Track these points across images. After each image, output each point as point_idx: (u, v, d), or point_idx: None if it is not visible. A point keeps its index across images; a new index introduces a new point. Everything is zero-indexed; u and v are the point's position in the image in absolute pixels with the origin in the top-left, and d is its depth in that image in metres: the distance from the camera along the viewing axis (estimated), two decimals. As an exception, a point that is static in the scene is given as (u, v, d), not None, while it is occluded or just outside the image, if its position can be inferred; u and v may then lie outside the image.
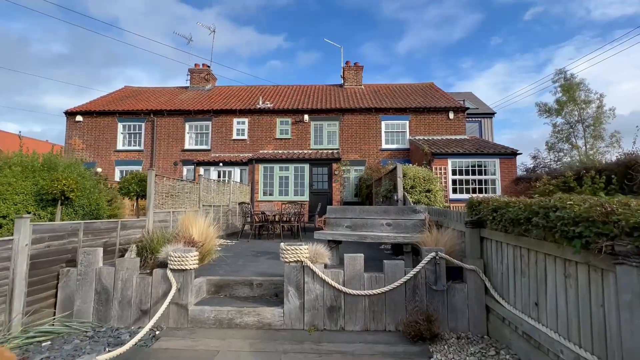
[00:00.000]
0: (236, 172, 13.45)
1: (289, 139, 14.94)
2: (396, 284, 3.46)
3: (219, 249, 6.81)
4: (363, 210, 5.41)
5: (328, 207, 5.68)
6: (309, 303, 3.52)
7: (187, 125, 15.26)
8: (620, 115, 29.06)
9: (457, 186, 11.54)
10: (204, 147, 15.11)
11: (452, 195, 11.33)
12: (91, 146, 15.30)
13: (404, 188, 7.47)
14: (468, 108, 14.96)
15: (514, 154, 11.57)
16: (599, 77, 45.30)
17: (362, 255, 3.62)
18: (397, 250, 5.91)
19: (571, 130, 21.90)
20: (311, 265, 3.54)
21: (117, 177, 14.56)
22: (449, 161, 11.57)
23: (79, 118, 15.36)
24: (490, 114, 17.29)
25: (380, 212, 5.27)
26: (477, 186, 11.63)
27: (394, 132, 14.97)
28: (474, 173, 11.65)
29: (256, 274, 4.44)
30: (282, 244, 3.66)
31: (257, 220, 8.78)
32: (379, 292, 3.46)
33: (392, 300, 3.47)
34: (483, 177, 11.62)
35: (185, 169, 14.81)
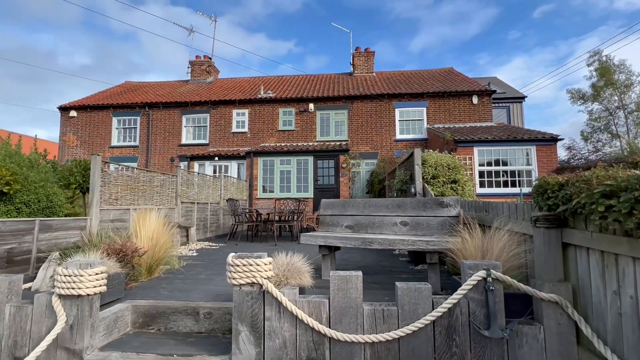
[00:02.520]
0: (233, 166, 12.24)
1: (293, 130, 13.60)
2: (418, 324, 2.02)
3: (192, 253, 5.54)
4: (369, 204, 3.97)
5: (323, 200, 4.28)
6: (273, 354, 2.14)
7: (184, 119, 14.20)
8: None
9: (485, 179, 9.87)
10: (201, 141, 14.00)
11: (478, 190, 9.67)
12: (85, 142, 14.49)
13: (423, 178, 5.97)
14: (495, 91, 13.16)
15: (554, 139, 9.78)
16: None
17: (360, 274, 2.19)
18: (418, 257, 4.43)
19: (610, 117, 19.54)
20: (275, 292, 2.14)
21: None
22: (475, 150, 9.92)
23: (72, 113, 14.58)
24: (519, 99, 15.33)
25: (392, 207, 3.82)
26: (508, 178, 9.91)
27: (409, 121, 13.36)
28: (504, 163, 9.95)
29: (212, 295, 3.10)
30: (230, 255, 2.28)
31: (248, 219, 7.48)
32: (389, 337, 2.03)
33: (411, 351, 2.04)
34: (516, 167, 9.89)
35: (182, 165, 13.71)
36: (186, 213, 7.00)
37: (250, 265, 2.19)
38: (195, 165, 12.18)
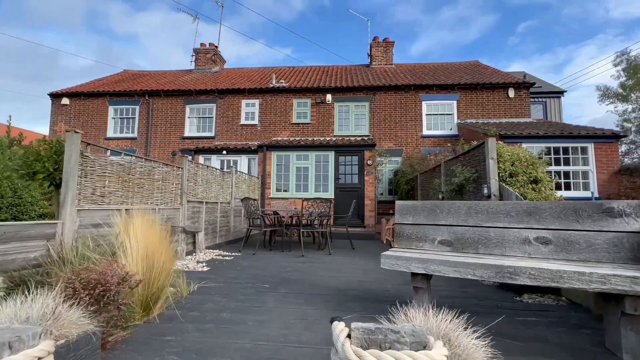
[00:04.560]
0: (243, 161, 10.91)
1: (308, 124, 12.30)
2: None
3: (202, 267, 4.22)
4: (476, 209, 2.66)
5: (399, 203, 2.96)
6: None
7: (187, 109, 12.88)
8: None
9: (534, 180, 8.57)
10: (206, 134, 12.68)
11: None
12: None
13: (499, 176, 4.67)
14: (533, 83, 11.87)
15: (616, 136, 8.50)
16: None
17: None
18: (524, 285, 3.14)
19: (643, 118, 18.28)
20: None
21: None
22: (524, 147, 8.62)
23: (65, 101, 13.24)
24: (557, 93, 14.00)
25: (517, 215, 2.51)
26: (562, 180, 8.64)
27: (437, 115, 12.08)
28: (557, 163, 8.67)
29: (254, 365, 1.78)
30: (342, 337, 0.96)
31: (268, 222, 6.16)
32: None
33: None
34: (571, 167, 8.62)
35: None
36: (192, 215, 5.69)
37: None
38: (201, 159, 10.86)
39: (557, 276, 1.90)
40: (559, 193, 8.85)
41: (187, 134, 12.71)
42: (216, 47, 16.88)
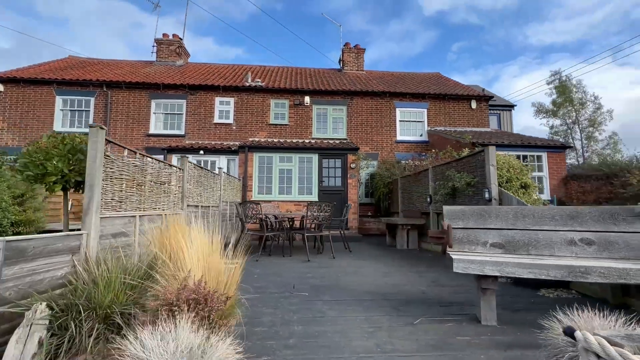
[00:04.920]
0: (222, 162, 10.36)
1: (286, 125, 12.12)
2: None
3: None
4: (523, 213, 2.89)
5: (447, 208, 3.09)
6: None
7: (153, 104, 11.84)
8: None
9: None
10: (176, 131, 11.79)
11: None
12: (16, 126, 11.32)
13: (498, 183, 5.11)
14: (492, 97, 13.17)
15: (564, 147, 9.81)
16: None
17: None
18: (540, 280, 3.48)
19: (569, 131, 21.33)
20: None
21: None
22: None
23: (-2, 87, 11.31)
24: (509, 107, 15.72)
25: (561, 219, 2.79)
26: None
27: (410, 122, 12.75)
28: (518, 169, 9.69)
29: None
30: (626, 353, 1.00)
31: (268, 226, 5.95)
32: None
33: None
34: (529, 174, 9.69)
35: (150, 159, 11.37)
36: (190, 221, 5.26)
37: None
38: (174, 158, 10.05)
39: (624, 273, 2.16)
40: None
41: (153, 130, 11.68)
42: (181, 39, 15.80)
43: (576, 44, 54.66)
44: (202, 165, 10.19)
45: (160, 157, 10.63)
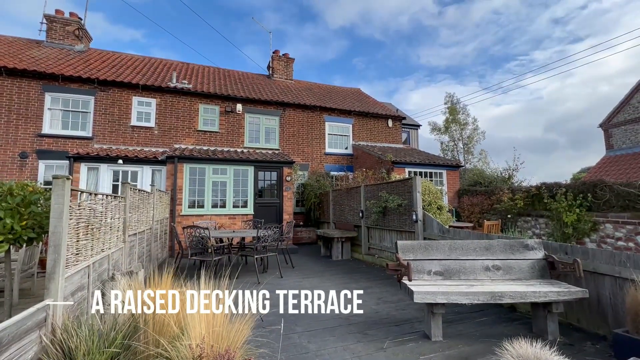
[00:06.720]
0: (146, 173, 9.32)
1: (216, 132, 11.63)
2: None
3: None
4: (454, 246, 3.75)
5: (400, 242, 3.75)
6: None
7: (48, 97, 9.83)
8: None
9: (412, 197, 11.18)
10: (80, 132, 10.05)
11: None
12: None
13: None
14: (404, 118, 15.21)
15: (458, 166, 12.10)
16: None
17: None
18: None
19: (454, 146, 25.93)
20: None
21: None
22: (407, 171, 11.11)
23: None
24: (416, 126, 18.34)
25: (479, 250, 3.74)
26: (428, 197, 11.57)
27: (338, 136, 13.73)
28: (426, 184, 11.56)
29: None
30: None
31: (216, 246, 5.81)
32: None
33: None
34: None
35: (43, 164, 9.43)
36: (130, 251, 4.81)
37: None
38: (83, 168, 8.59)
39: (523, 295, 3.11)
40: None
41: (47, 130, 9.70)
42: (80, 19, 13.40)
43: (454, 68, 66.82)
44: (120, 176, 9.05)
45: (62, 162, 9.03)
